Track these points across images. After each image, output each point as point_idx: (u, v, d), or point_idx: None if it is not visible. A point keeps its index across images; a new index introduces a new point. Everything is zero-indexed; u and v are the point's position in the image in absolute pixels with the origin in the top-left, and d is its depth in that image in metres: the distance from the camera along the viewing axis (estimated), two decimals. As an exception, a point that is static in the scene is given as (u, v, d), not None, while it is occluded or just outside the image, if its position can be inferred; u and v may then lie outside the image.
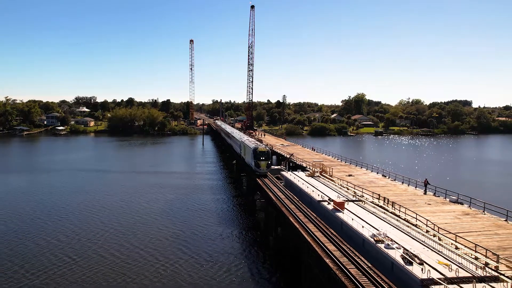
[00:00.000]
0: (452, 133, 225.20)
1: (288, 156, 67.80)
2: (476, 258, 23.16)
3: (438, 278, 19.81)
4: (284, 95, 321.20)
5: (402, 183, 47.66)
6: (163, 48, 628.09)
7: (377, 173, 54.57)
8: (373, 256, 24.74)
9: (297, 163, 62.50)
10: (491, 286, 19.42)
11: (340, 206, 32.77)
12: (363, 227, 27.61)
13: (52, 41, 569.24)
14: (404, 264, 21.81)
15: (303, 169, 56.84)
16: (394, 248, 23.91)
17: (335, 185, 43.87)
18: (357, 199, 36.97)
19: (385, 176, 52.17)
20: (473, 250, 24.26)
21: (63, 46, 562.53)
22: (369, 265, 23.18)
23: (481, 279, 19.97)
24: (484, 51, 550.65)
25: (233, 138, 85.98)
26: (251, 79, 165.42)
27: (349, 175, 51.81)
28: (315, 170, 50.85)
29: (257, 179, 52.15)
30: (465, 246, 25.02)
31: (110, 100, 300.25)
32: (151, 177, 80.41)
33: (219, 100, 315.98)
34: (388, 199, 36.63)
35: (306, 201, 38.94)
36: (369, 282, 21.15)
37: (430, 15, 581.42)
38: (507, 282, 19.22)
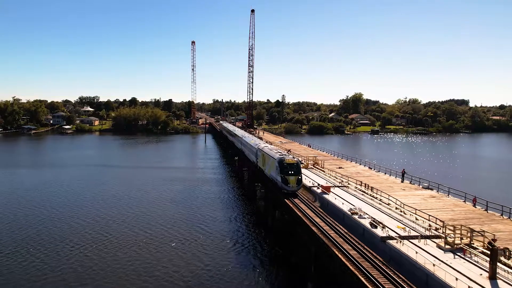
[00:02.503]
0: (446, 132, 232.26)
1: (285, 152, 74.41)
2: (430, 226, 29.93)
3: (394, 236, 26.63)
4: (283, 95, 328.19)
5: (385, 173, 54.43)
6: (164, 49, 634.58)
7: (364, 165, 61.39)
8: (350, 225, 31.49)
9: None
10: (432, 240, 26.25)
11: (326, 189, 39.54)
12: (343, 203, 34.43)
13: (53, 41, 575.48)
14: (370, 228, 28.64)
15: (299, 162, 63.43)
16: (365, 218, 30.77)
17: (325, 175, 50.68)
18: (342, 185, 43.77)
19: (371, 168, 58.94)
20: (428, 220, 31.03)
21: (65, 47, 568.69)
22: (346, 230, 29.91)
23: (425, 237, 26.80)
24: (482, 51, 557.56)
25: (245, 144, 71.56)
26: (251, 80, 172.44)
27: (339, 167, 58.45)
28: (308, 162, 57.54)
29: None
30: (423, 218, 31.78)
31: (112, 99, 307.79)
32: (161, 172, 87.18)
33: (220, 100, 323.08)
34: (368, 185, 43.40)
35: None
36: (343, 241, 27.85)
37: (429, 15, 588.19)
38: (443, 238, 25.96)
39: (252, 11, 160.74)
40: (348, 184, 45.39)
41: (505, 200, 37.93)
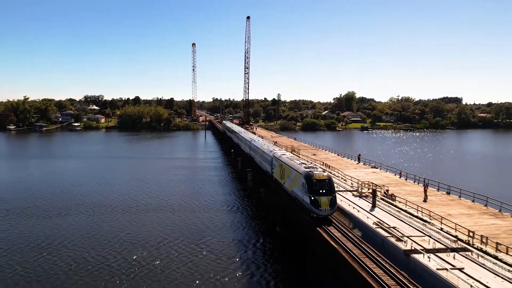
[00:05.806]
0: (433, 128, 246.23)
1: (272, 143, 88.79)
2: (359, 186, 44.28)
3: (328, 190, 41.11)
4: (278, 94, 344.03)
5: (348, 158, 68.96)
6: (165, 49, 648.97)
7: (334, 153, 75.99)
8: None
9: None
10: (351, 192, 40.74)
11: (295, 166, 53.82)
12: (302, 174, 48.91)
13: (54, 41, 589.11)
14: (316, 187, 43.06)
15: (282, 151, 77.84)
16: (315, 182, 45.15)
17: (298, 159, 65.02)
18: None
19: (339, 155, 73.51)
20: (357, 183, 45.45)
21: (67, 47, 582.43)
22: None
23: (348, 191, 41.35)
24: (479, 50, 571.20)
25: (256, 149, 65.30)
26: (247, 80, 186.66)
27: (313, 155, 72.92)
28: (287, 150, 71.91)
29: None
30: (355, 183, 46.17)
31: (115, 98, 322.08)
32: (168, 161, 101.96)
33: (219, 98, 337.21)
34: (328, 164, 57.89)
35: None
36: (297, 195, 42.32)
37: (427, 14, 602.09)
38: (368, 195, 40.36)
39: (248, 17, 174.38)
40: (315, 164, 59.81)
41: (435, 176, 52.16)
